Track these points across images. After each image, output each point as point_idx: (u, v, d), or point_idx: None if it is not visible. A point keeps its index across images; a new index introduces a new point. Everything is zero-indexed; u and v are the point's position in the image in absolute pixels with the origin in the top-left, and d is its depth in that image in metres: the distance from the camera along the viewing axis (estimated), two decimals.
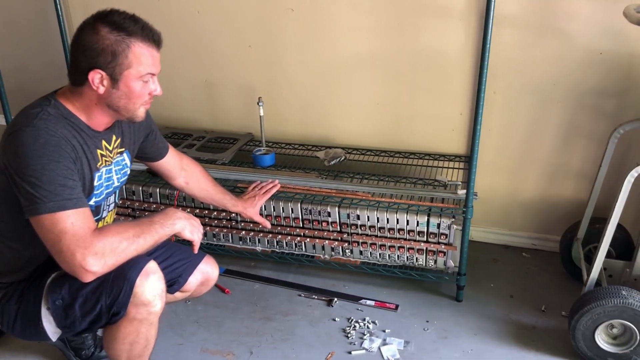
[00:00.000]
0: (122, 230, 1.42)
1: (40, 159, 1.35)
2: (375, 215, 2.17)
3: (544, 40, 2.23)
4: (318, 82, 2.55)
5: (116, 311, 1.47)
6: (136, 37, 1.42)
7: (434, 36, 2.32)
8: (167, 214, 1.52)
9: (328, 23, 2.43)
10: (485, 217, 2.61)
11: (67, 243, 1.34)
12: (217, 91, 2.73)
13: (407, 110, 2.49)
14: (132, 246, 1.42)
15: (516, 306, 2.20)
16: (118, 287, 1.44)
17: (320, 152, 2.51)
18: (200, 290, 1.88)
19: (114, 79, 1.43)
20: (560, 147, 2.39)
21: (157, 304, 1.50)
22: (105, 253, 1.37)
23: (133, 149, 1.73)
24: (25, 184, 1.35)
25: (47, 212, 1.35)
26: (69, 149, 1.41)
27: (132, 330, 1.51)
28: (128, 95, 1.46)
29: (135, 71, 1.44)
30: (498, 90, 2.36)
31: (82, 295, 1.47)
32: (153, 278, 1.48)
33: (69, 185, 1.38)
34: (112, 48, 1.39)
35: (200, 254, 1.83)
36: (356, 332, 2.07)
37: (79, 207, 1.38)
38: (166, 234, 1.49)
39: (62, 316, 1.51)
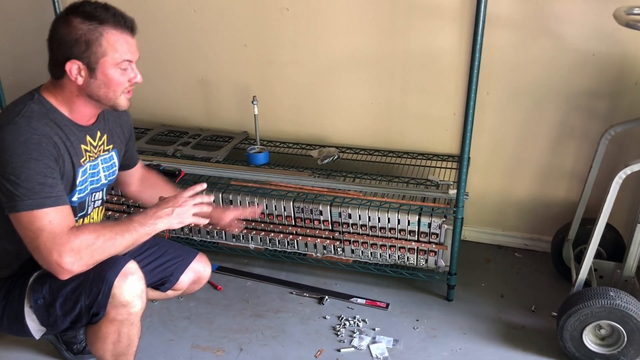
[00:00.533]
0: (100, 228, 1.42)
1: (20, 157, 1.36)
2: (367, 214, 2.18)
3: (537, 41, 2.23)
4: (312, 81, 2.56)
5: (96, 312, 1.48)
6: (108, 25, 1.42)
7: (428, 36, 2.33)
8: (147, 214, 1.50)
9: (323, 23, 2.44)
10: (478, 217, 2.62)
11: (44, 241, 1.36)
12: (213, 89, 2.75)
13: (400, 110, 2.50)
14: (109, 244, 1.42)
15: (506, 306, 2.21)
16: (97, 288, 1.45)
17: (314, 150, 2.52)
18: (193, 288, 1.89)
19: (91, 69, 1.43)
20: (553, 148, 2.39)
21: (136, 305, 1.50)
22: (82, 251, 1.38)
23: (121, 149, 1.74)
24: (4, 181, 1.36)
25: (25, 210, 1.36)
26: (51, 147, 1.42)
27: (113, 330, 1.52)
28: (107, 83, 1.46)
29: (111, 59, 1.44)
30: (491, 90, 2.36)
31: (62, 295, 1.48)
32: (132, 279, 1.48)
33: (48, 184, 1.39)
34: (86, 37, 1.40)
35: (193, 252, 1.85)
36: (346, 330, 2.08)
37: (57, 205, 1.39)
38: (147, 233, 1.48)
39: (44, 315, 1.52)
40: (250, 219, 2.31)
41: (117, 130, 1.71)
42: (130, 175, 1.87)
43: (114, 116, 1.69)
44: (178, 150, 2.53)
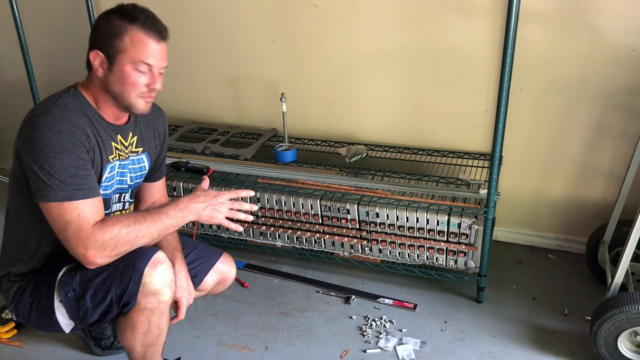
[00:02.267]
0: (125, 220, 1.45)
1: (54, 148, 1.39)
2: (395, 213, 2.15)
3: (573, 36, 2.16)
4: (341, 78, 2.54)
5: (126, 301, 1.50)
6: (136, 24, 1.45)
7: (459, 32, 2.28)
8: (178, 206, 1.51)
9: (352, 19, 2.41)
10: (510, 217, 2.56)
11: (72, 233, 1.40)
12: (242, 87, 2.75)
13: (431, 107, 2.46)
14: (134, 235, 1.44)
15: (538, 309, 2.15)
16: (127, 277, 1.47)
17: (342, 148, 2.50)
18: (218, 289, 1.88)
19: (110, 62, 1.46)
20: (589, 147, 2.32)
21: (166, 293, 1.51)
22: (106, 244, 1.41)
23: (153, 154, 1.74)
24: (37, 169, 1.39)
25: (56, 201, 1.39)
26: (84, 138, 1.44)
27: (143, 319, 1.53)
28: (122, 80, 1.47)
29: (129, 56, 1.45)
30: (525, 87, 2.30)
31: (93, 287, 1.50)
32: (162, 268, 1.50)
33: (80, 175, 1.42)
34: (112, 31, 1.44)
35: (217, 253, 1.84)
36: (372, 330, 2.06)
37: (88, 197, 1.42)
38: (174, 225, 1.50)
39: (74, 308, 1.54)
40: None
41: (149, 133, 1.71)
42: (147, 190, 1.83)
43: (147, 120, 1.70)
44: (207, 147, 2.54)
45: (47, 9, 3.00)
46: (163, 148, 1.79)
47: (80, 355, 1.98)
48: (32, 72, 2.61)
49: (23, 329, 2.07)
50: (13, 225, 1.60)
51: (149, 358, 1.64)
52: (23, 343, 2.03)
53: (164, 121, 1.78)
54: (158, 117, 1.75)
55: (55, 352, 1.99)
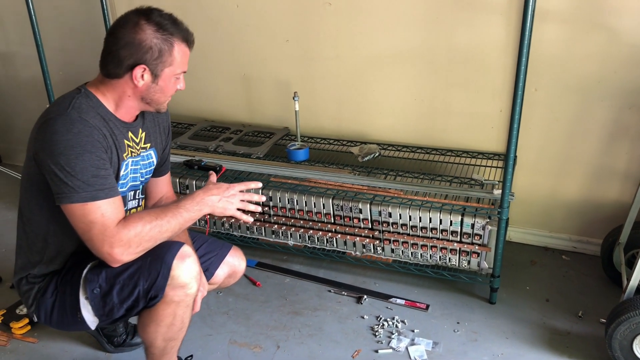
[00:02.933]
0: (146, 216, 1.47)
1: (74, 149, 1.39)
2: (408, 213, 2.14)
3: (589, 35, 2.14)
4: (354, 77, 2.53)
5: (154, 295, 1.51)
6: (178, 38, 1.50)
7: (474, 31, 2.27)
8: (194, 199, 1.54)
9: (365, 17, 2.40)
10: (524, 217, 2.54)
11: (96, 233, 1.41)
12: (255, 85, 2.75)
13: (444, 106, 2.44)
14: (157, 231, 1.46)
15: (552, 311, 2.13)
16: (155, 271, 1.48)
17: (355, 147, 2.49)
18: (228, 282, 1.89)
19: (155, 75, 1.50)
20: (605, 147, 2.29)
21: (193, 286, 1.53)
22: (131, 241, 1.43)
23: (160, 149, 1.76)
24: (58, 171, 1.39)
25: (80, 202, 1.40)
26: (101, 138, 1.45)
27: (169, 312, 1.54)
28: (163, 90, 1.54)
29: (173, 69, 1.53)
30: (540, 87, 2.28)
31: (120, 282, 1.51)
32: (189, 261, 1.52)
33: (102, 175, 1.43)
34: (160, 47, 1.47)
35: (227, 246, 1.85)
36: (384, 330, 2.05)
37: (110, 197, 1.44)
38: (192, 218, 1.53)
39: (100, 304, 1.55)
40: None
41: (155, 129, 1.73)
42: (154, 185, 1.84)
43: (152, 115, 1.71)
44: (220, 146, 2.55)
45: (63, 7, 3.02)
46: (168, 142, 1.82)
47: (93, 352, 1.99)
48: (47, 69, 2.63)
49: (37, 326, 2.09)
50: (29, 227, 1.59)
51: (167, 352, 1.65)
52: (37, 339, 2.05)
53: (168, 116, 1.80)
54: (161, 113, 1.76)
55: (68, 349, 2.00)
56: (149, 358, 1.68)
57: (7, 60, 3.33)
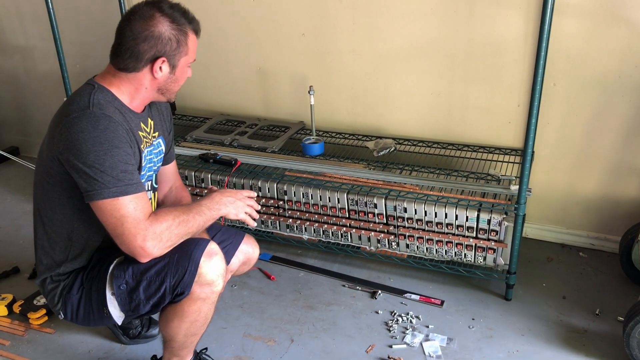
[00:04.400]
0: (174, 211, 1.49)
1: (103, 145, 1.40)
2: (423, 208, 2.13)
3: (609, 30, 2.10)
4: (370, 71, 2.52)
5: (180, 291, 1.51)
6: (190, 28, 1.53)
7: (492, 24, 2.24)
8: (214, 199, 1.58)
9: (382, 11, 2.39)
10: (541, 213, 2.52)
11: (129, 227, 1.41)
12: (270, 79, 2.75)
13: (461, 101, 2.42)
14: (184, 226, 1.48)
15: (568, 308, 2.11)
16: (183, 268, 1.49)
17: (370, 142, 2.48)
18: (242, 269, 1.90)
19: (173, 66, 1.53)
20: (624, 143, 2.26)
21: (219, 284, 1.55)
22: (162, 234, 1.44)
23: (166, 136, 1.77)
24: (87, 169, 1.40)
25: (110, 197, 1.41)
26: (125, 133, 1.46)
27: (195, 309, 1.55)
28: (178, 79, 1.57)
29: (188, 59, 1.56)
30: (558, 81, 2.25)
31: (147, 279, 1.52)
32: (216, 258, 1.53)
33: (129, 170, 1.44)
34: (177, 37, 1.49)
35: (240, 234, 1.86)
36: (399, 326, 2.04)
37: (138, 192, 1.45)
38: (212, 217, 1.56)
39: (126, 300, 1.56)
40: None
41: (160, 117, 1.74)
42: (163, 174, 1.85)
43: (155, 105, 1.72)
44: (235, 139, 2.55)
45: (79, 1, 3.03)
46: (171, 127, 1.83)
47: (109, 343, 2.00)
48: (64, 63, 2.65)
49: (54, 316, 2.11)
50: (50, 227, 1.59)
51: (187, 347, 1.67)
52: (54, 330, 2.07)
53: (168, 104, 1.81)
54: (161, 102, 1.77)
55: (84, 340, 2.02)
56: (167, 352, 1.69)
57: (26, 54, 3.36)
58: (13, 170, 3.42)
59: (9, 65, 3.45)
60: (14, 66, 3.44)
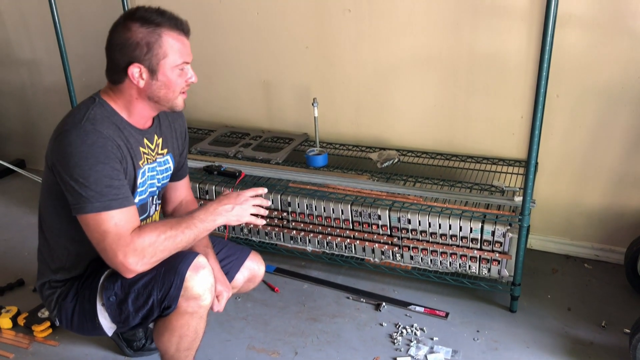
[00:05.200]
0: (161, 226, 1.47)
1: (88, 160, 1.41)
2: (427, 220, 2.13)
3: (612, 40, 2.11)
4: (373, 82, 2.53)
5: (167, 305, 1.51)
6: (165, 27, 1.47)
7: (494, 36, 2.25)
8: (208, 209, 1.54)
9: (385, 23, 2.40)
10: (546, 225, 2.51)
11: (110, 242, 1.41)
12: (274, 91, 2.76)
13: (465, 112, 2.43)
14: (171, 241, 1.46)
15: (574, 320, 2.09)
16: (169, 281, 1.49)
17: (374, 153, 2.48)
18: (248, 287, 1.90)
19: (152, 71, 1.48)
20: (628, 154, 2.25)
21: (207, 298, 1.53)
22: (145, 251, 1.42)
23: (176, 154, 1.77)
24: (73, 183, 1.41)
25: (93, 212, 1.41)
26: (115, 149, 1.46)
27: (182, 323, 1.55)
28: (167, 84, 1.51)
29: (171, 60, 1.49)
30: (562, 93, 2.25)
31: (135, 291, 1.52)
32: (203, 272, 1.52)
33: (115, 185, 1.44)
34: (146, 40, 1.45)
35: (246, 251, 1.86)
36: (403, 338, 2.03)
37: (124, 207, 1.44)
38: (207, 229, 1.53)
39: (116, 312, 1.56)
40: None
41: (171, 134, 1.74)
42: (174, 189, 1.86)
43: (168, 121, 1.72)
44: (239, 151, 2.56)
45: (86, 16, 3.06)
46: (185, 147, 1.82)
47: (113, 355, 2.00)
48: (70, 75, 2.67)
49: (58, 329, 2.11)
50: (50, 235, 1.62)
51: None
52: (58, 342, 2.07)
53: (184, 121, 1.81)
54: (178, 117, 1.78)
55: (88, 352, 2.02)
56: None
57: (33, 67, 3.39)
58: (19, 182, 3.44)
59: (16, 78, 3.48)
60: (21, 79, 3.47)
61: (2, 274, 2.48)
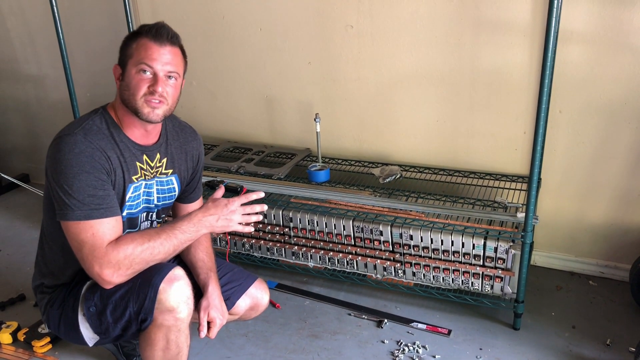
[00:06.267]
0: (139, 238, 1.47)
1: (73, 169, 1.43)
2: (429, 236, 2.11)
3: (614, 57, 2.11)
4: (376, 98, 2.53)
5: (144, 317, 1.50)
6: (145, 34, 1.51)
7: (496, 52, 2.25)
8: (192, 220, 1.53)
9: (387, 40, 2.41)
10: (549, 241, 2.49)
11: (87, 253, 1.43)
12: (277, 107, 2.77)
13: (467, 128, 2.42)
14: (148, 252, 1.46)
15: (578, 338, 2.07)
16: (144, 294, 1.48)
17: (376, 169, 2.48)
18: (250, 315, 1.86)
19: (123, 72, 1.53)
20: (632, 170, 2.24)
21: (182, 310, 1.50)
22: (120, 262, 1.43)
23: (184, 176, 1.75)
24: (58, 189, 1.44)
25: (73, 219, 1.43)
26: (103, 160, 1.48)
27: (161, 336, 1.53)
28: (128, 84, 1.51)
29: (134, 60, 1.51)
30: (564, 108, 2.25)
31: (112, 302, 1.51)
32: (177, 284, 1.49)
33: (99, 195, 1.45)
34: (126, 42, 1.53)
35: (251, 278, 1.83)
36: (405, 355, 2.01)
37: (105, 217, 1.45)
38: (188, 239, 1.52)
39: (96, 322, 1.56)
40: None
41: (181, 156, 1.72)
42: (184, 211, 1.83)
43: (179, 142, 1.72)
44: (242, 166, 2.56)
45: (90, 32, 3.09)
46: (197, 170, 1.81)
47: None
48: (74, 91, 2.68)
49: (58, 344, 2.10)
50: (45, 239, 1.66)
51: None
52: (58, 358, 2.06)
53: (199, 144, 1.79)
54: (192, 140, 1.77)
55: None
56: None
57: (38, 82, 3.42)
58: (23, 197, 3.45)
59: (21, 93, 3.50)
60: (26, 94, 3.49)
61: (4, 288, 2.47)
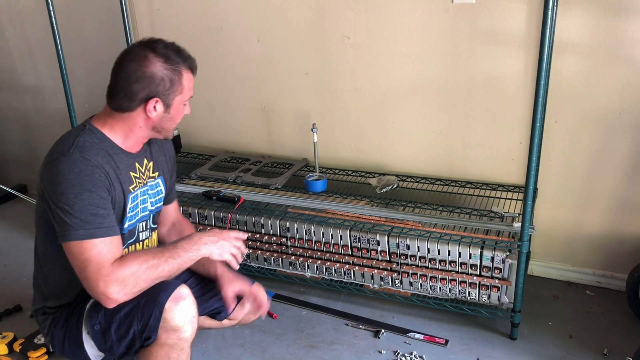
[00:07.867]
0: (144, 256, 1.47)
1: (74, 189, 1.42)
2: (426, 245, 2.12)
3: (610, 67, 2.12)
4: (373, 108, 2.54)
5: (147, 336, 1.49)
6: (184, 66, 1.54)
7: (492, 63, 2.27)
8: (192, 239, 1.55)
9: (384, 50, 2.43)
10: (546, 251, 2.49)
11: (92, 271, 1.41)
12: (274, 117, 2.78)
13: (463, 138, 2.43)
14: (153, 270, 1.46)
15: (575, 348, 2.07)
16: (148, 312, 1.47)
17: (373, 179, 2.49)
18: (249, 318, 1.87)
19: (167, 105, 1.53)
20: (628, 180, 2.25)
21: (187, 330, 1.50)
22: (126, 280, 1.42)
23: (167, 177, 1.78)
24: (59, 210, 1.42)
25: (76, 240, 1.41)
26: (103, 177, 1.47)
27: (162, 354, 1.52)
28: (174, 117, 1.58)
29: (183, 97, 1.56)
30: (560, 118, 2.26)
31: (117, 320, 1.50)
32: (183, 304, 1.50)
33: (100, 214, 1.44)
34: (170, 77, 1.51)
35: (250, 281, 1.84)
36: None
37: (107, 236, 1.44)
38: (190, 259, 1.53)
39: (101, 340, 1.55)
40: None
41: (162, 158, 1.76)
42: (165, 212, 1.86)
43: (158, 145, 1.74)
44: (239, 177, 2.57)
45: (89, 44, 3.11)
46: (174, 170, 1.84)
47: None
48: (71, 102, 2.69)
49: (54, 355, 2.09)
50: (44, 262, 1.62)
51: None
52: None
53: (171, 145, 1.84)
54: (166, 142, 1.80)
55: None
56: None
57: (37, 93, 3.43)
58: (21, 207, 3.45)
59: (20, 104, 3.51)
60: (24, 105, 3.51)
61: (0, 299, 2.47)
